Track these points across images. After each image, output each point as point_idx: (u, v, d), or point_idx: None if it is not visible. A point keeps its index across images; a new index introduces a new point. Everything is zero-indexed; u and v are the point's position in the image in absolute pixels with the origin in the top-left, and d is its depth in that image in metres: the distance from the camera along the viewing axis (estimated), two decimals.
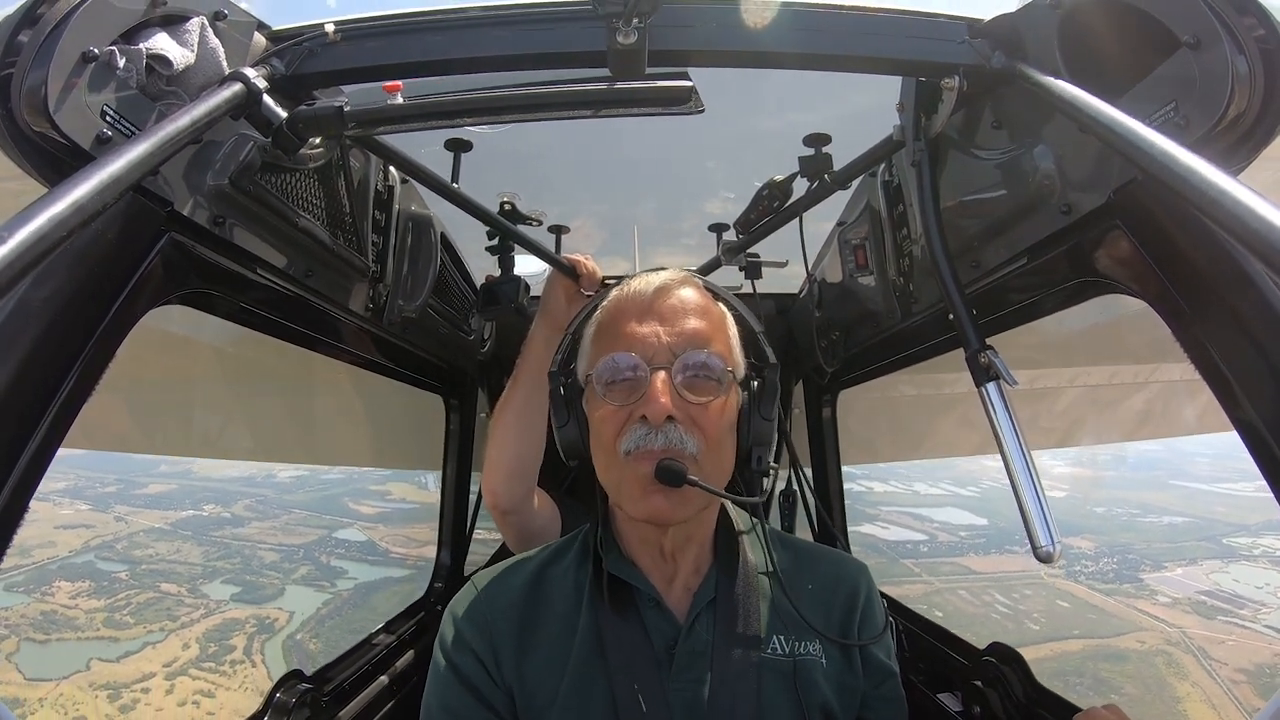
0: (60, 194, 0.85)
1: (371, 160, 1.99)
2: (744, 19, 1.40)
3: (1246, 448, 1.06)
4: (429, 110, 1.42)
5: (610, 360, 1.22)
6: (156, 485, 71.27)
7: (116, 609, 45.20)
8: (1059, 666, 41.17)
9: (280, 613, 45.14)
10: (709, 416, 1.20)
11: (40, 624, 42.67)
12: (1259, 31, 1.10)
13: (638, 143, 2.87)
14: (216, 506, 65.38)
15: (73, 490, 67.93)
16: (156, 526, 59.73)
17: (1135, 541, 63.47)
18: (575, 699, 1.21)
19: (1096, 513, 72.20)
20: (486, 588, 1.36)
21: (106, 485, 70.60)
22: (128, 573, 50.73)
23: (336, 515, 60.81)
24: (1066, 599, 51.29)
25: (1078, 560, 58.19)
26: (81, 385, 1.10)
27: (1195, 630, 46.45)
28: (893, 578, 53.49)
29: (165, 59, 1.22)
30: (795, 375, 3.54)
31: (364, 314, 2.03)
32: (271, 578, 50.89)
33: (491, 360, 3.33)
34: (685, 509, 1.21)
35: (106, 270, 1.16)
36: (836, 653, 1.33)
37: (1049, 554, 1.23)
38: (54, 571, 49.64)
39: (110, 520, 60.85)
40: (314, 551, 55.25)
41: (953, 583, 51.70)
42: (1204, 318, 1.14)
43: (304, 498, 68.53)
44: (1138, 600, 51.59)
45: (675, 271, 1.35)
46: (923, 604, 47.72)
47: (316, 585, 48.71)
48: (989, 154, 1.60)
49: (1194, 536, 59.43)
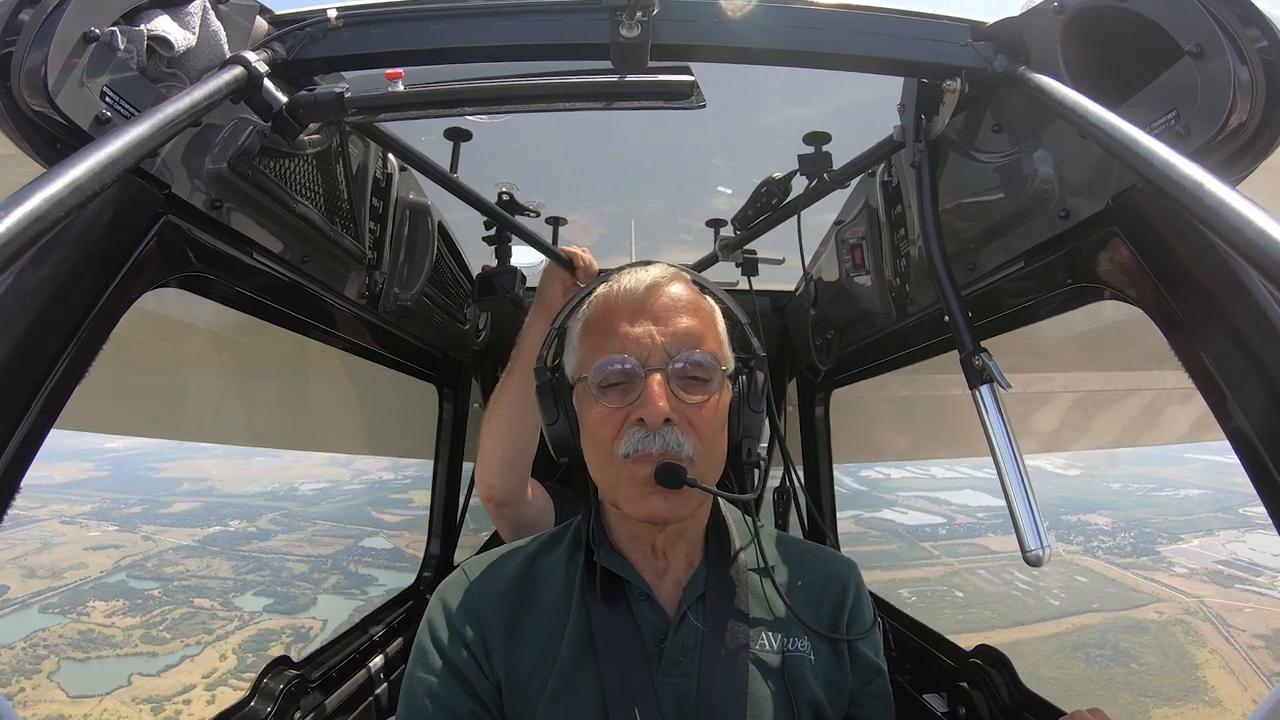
0: (58, 174, 0.85)
1: (370, 147, 1.98)
2: (747, 15, 1.39)
3: (1239, 458, 1.07)
4: (430, 99, 1.42)
5: (605, 362, 1.22)
6: (180, 504, 71.48)
7: (152, 625, 45.55)
8: (1080, 639, 42.07)
9: (314, 621, 45.35)
10: (703, 416, 1.21)
11: (79, 643, 43.10)
12: (1262, 42, 1.10)
13: (637, 136, 2.87)
14: (242, 521, 65.44)
15: (98, 512, 68.13)
16: (184, 544, 59.88)
17: (1152, 516, 64.07)
18: (565, 691, 1.21)
19: (1113, 489, 72.68)
20: (477, 577, 1.36)
21: (131, 506, 70.81)
22: (160, 590, 51.06)
23: (361, 525, 61.06)
24: (1085, 574, 52.05)
25: (1095, 536, 58.94)
26: (75, 367, 1.10)
27: (1213, 599, 47.25)
28: (913, 561, 54.20)
29: (166, 41, 1.21)
30: (789, 373, 3.55)
31: (359, 301, 2.02)
32: (303, 588, 51.12)
33: (486, 351, 3.32)
34: (683, 509, 1.22)
35: (103, 252, 1.15)
36: (825, 649, 1.34)
37: (1038, 557, 1.24)
38: (88, 592, 49.95)
39: (138, 540, 61.06)
40: (342, 561, 55.53)
41: (972, 563, 52.23)
42: (1199, 327, 1.15)
43: (328, 509, 68.69)
44: (1155, 572, 52.32)
45: (663, 267, 1.35)
46: (943, 585, 49.31)
47: (347, 593, 48.87)
48: (989, 157, 1.60)
49: (1211, 508, 59.93)
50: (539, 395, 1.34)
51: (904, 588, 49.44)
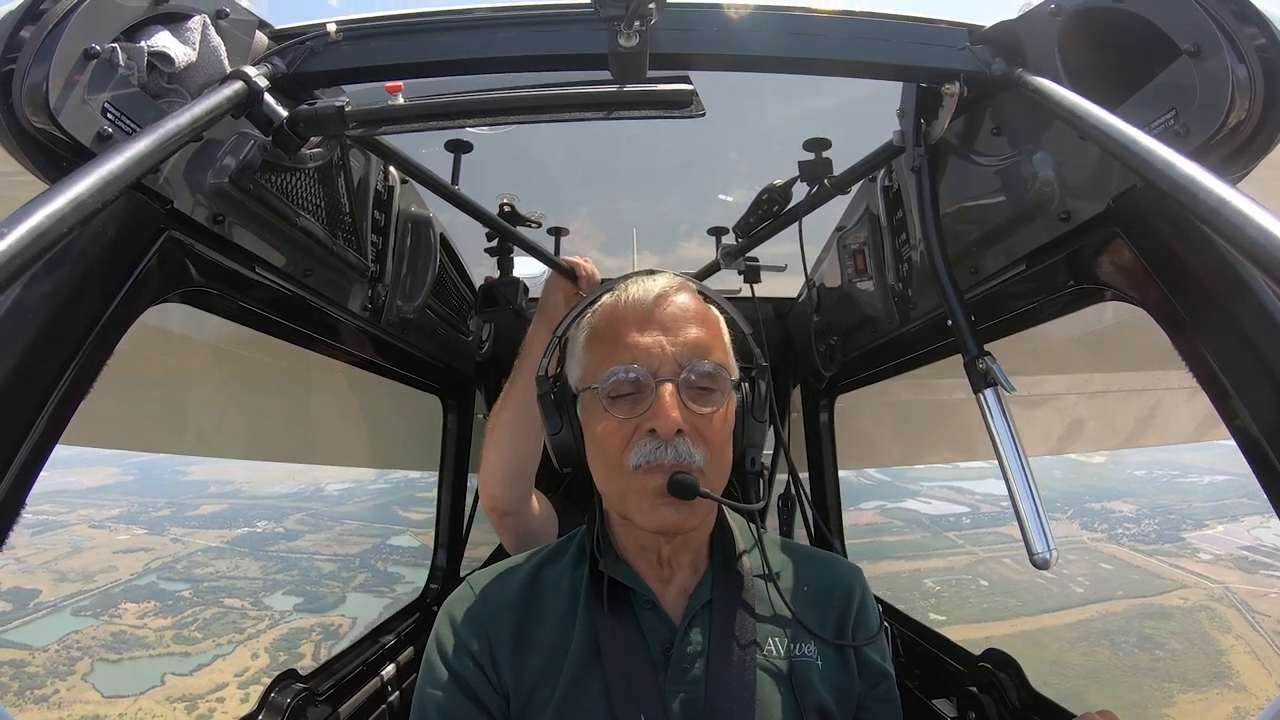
0: (61, 191, 0.85)
1: (371, 160, 1.99)
2: (745, 23, 1.40)
3: (1244, 457, 1.06)
4: (430, 111, 1.42)
5: (614, 372, 1.21)
6: (208, 506, 71.90)
7: (184, 625, 46.02)
8: (1104, 627, 42.17)
9: (344, 619, 45.64)
10: (713, 427, 1.21)
11: (111, 644, 43.58)
12: (1260, 40, 1.10)
13: (637, 145, 2.87)
14: (269, 522, 65.82)
15: (126, 516, 68.55)
16: (213, 545, 60.32)
17: (1176, 502, 64.01)
18: (572, 701, 1.21)
19: (1136, 476, 72.53)
20: (483, 590, 1.36)
21: (159, 509, 71.23)
22: (190, 591, 51.56)
23: (388, 523, 61.27)
24: (1109, 561, 52.22)
25: (1120, 524, 58.99)
26: (80, 382, 1.10)
27: (1238, 585, 47.24)
28: (937, 551, 54.32)
29: (167, 56, 1.22)
30: (793, 379, 3.55)
31: (362, 314, 2.02)
32: (331, 587, 51.43)
33: (489, 362, 3.32)
34: (694, 519, 1.22)
35: (106, 267, 1.16)
36: (832, 655, 1.33)
37: (1045, 560, 1.23)
38: (119, 594, 50.43)
39: (167, 542, 61.52)
40: (370, 559, 55.78)
41: (996, 552, 52.24)
42: (1202, 326, 1.14)
43: (354, 508, 68.94)
44: (1180, 559, 52.29)
45: (669, 276, 1.34)
46: (967, 574, 49.55)
47: (376, 591, 49.08)
48: (989, 160, 1.60)
49: (1236, 494, 59.77)
50: (541, 405, 1.34)
51: (928, 577, 49.72)
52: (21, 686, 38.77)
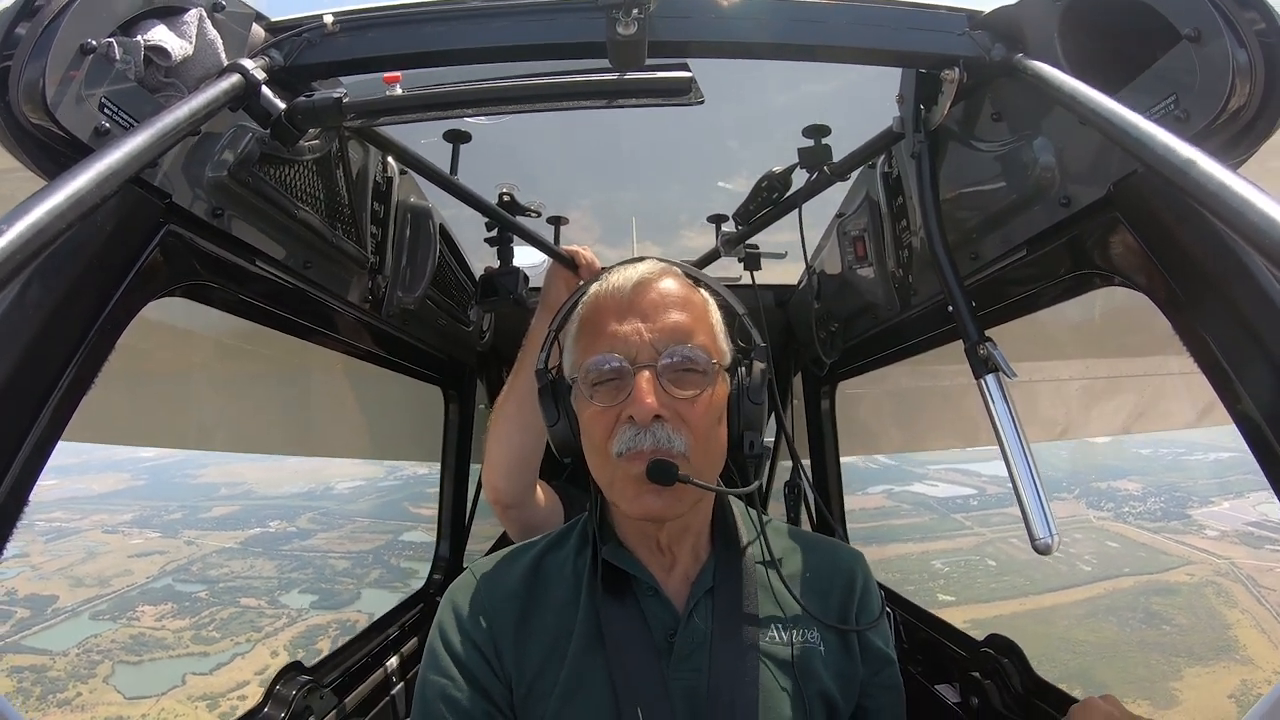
0: (59, 186, 0.85)
1: (370, 151, 1.98)
2: (743, 10, 1.39)
3: (1245, 441, 1.06)
4: (428, 101, 1.42)
5: (594, 361, 1.22)
6: (220, 508, 72.39)
7: (202, 626, 46.49)
8: (1112, 603, 42.73)
9: (360, 615, 45.87)
10: (695, 411, 1.20)
11: (131, 646, 44.09)
12: (1260, 25, 1.10)
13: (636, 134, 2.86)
14: (281, 522, 66.29)
15: (139, 520, 69.01)
16: (227, 546, 60.77)
17: (1182, 480, 64.57)
18: (575, 688, 1.21)
19: (1142, 454, 73.09)
20: (486, 577, 1.36)
21: (171, 513, 71.73)
22: (207, 591, 52.02)
23: (399, 519, 61.59)
24: (1116, 540, 52.81)
25: (1126, 502, 59.62)
26: (81, 377, 1.10)
27: (1244, 560, 47.86)
28: (945, 532, 54.78)
29: (163, 50, 1.22)
30: (794, 367, 3.55)
31: (363, 305, 2.02)
32: (346, 584, 51.87)
33: (490, 352, 3.33)
34: (678, 506, 1.22)
35: (105, 262, 1.16)
36: (835, 640, 1.34)
37: (1047, 545, 1.24)
38: (135, 597, 50.93)
39: (181, 545, 62.00)
40: (383, 555, 56.20)
41: (1004, 532, 52.66)
42: (1203, 311, 1.14)
43: (365, 506, 69.35)
44: (1186, 535, 52.88)
45: (654, 263, 1.34)
46: (975, 555, 50.13)
47: (390, 587, 49.34)
48: (989, 146, 1.59)
49: (1241, 470, 59.79)
50: (539, 396, 1.35)
51: (937, 559, 50.26)
52: (44, 691, 39.29)
